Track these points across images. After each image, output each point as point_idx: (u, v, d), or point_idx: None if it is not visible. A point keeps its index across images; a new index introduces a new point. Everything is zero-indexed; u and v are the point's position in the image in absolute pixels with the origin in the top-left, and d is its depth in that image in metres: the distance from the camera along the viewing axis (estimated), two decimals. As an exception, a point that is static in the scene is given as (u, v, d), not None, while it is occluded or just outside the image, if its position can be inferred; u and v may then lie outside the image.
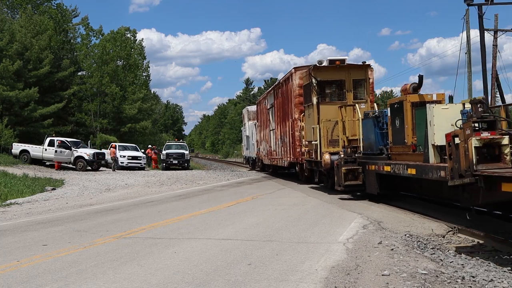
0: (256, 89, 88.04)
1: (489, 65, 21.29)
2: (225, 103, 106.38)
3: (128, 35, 43.07)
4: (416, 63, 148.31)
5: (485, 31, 23.68)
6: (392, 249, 6.42)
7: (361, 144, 13.20)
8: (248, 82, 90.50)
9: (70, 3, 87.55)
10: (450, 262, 5.93)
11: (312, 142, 15.07)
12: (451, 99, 9.78)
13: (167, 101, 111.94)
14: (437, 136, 8.49)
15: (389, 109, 11.42)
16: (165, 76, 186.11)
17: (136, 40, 44.07)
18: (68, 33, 42.55)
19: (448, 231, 7.97)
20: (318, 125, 14.38)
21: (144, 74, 45.68)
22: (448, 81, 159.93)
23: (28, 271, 5.64)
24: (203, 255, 6.30)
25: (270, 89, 23.49)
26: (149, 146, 37.48)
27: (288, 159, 18.82)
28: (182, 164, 33.08)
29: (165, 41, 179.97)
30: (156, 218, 9.93)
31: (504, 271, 5.56)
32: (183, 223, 9.12)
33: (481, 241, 7.20)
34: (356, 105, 14.06)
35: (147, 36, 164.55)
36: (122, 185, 19.36)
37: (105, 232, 8.22)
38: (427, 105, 9.14)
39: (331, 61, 14.72)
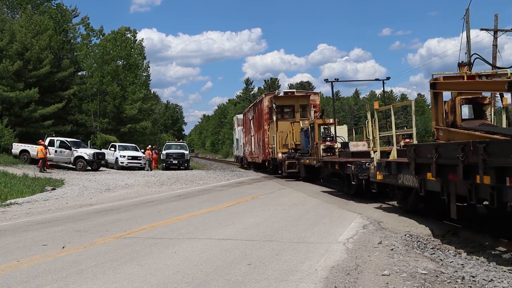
0: (256, 89, 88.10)
1: (489, 65, 21.29)
2: (225, 103, 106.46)
3: (128, 35, 43.07)
4: (416, 63, 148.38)
5: (485, 31, 23.66)
6: (392, 249, 6.42)
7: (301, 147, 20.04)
8: (248, 82, 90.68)
9: (70, 3, 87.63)
10: (450, 262, 5.93)
11: (272, 146, 22.42)
12: (338, 123, 18.28)
13: (167, 101, 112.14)
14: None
15: (309, 126, 18.22)
16: (166, 76, 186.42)
17: (136, 40, 44.11)
18: (68, 33, 42.53)
19: (448, 231, 7.97)
20: (276, 135, 21.79)
21: (144, 74, 45.70)
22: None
23: (28, 271, 5.64)
24: (203, 255, 6.30)
25: (251, 105, 30.30)
26: (149, 146, 37.47)
27: (261, 157, 25.68)
28: (182, 164, 33.08)
29: (166, 41, 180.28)
30: (156, 218, 9.93)
31: (504, 271, 5.56)
32: (183, 223, 9.12)
33: (481, 241, 7.20)
34: (301, 121, 21.14)
35: (148, 36, 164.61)
36: (122, 185, 19.35)
37: (105, 232, 8.22)
38: (322, 126, 16.73)
39: (285, 93, 23.28)
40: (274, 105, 22.32)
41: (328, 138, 15.83)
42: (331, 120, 17.29)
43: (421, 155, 8.02)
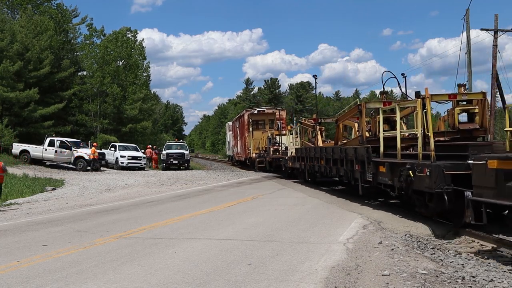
0: (256, 89, 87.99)
1: (489, 65, 21.30)
2: (226, 103, 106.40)
3: (129, 35, 43.04)
4: (417, 63, 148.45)
5: (485, 31, 23.65)
6: (392, 249, 6.42)
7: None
8: (248, 82, 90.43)
9: (70, 3, 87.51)
10: (450, 262, 5.93)
11: (249, 148, 30.91)
12: (289, 132, 24.58)
13: (167, 101, 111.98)
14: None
15: (271, 136, 26.59)
16: (166, 76, 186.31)
17: (137, 40, 44.07)
18: (68, 33, 42.51)
19: (448, 231, 7.97)
20: (251, 141, 30.41)
21: (144, 74, 45.66)
22: (449, 81, 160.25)
23: (28, 271, 5.64)
24: (203, 255, 6.30)
25: (237, 116, 38.72)
26: (149, 146, 37.45)
27: (243, 156, 33.86)
28: (182, 164, 33.06)
29: (167, 41, 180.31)
30: (156, 218, 9.93)
31: (504, 271, 5.56)
32: (183, 223, 9.12)
33: (481, 241, 7.19)
34: (269, 131, 28.58)
35: (149, 36, 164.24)
36: (122, 185, 19.35)
37: (105, 232, 8.22)
38: (278, 135, 26.07)
39: (259, 110, 32.37)
40: (250, 119, 30.99)
41: (276, 144, 25.41)
42: (285, 131, 26.42)
43: (298, 152, 18.22)
